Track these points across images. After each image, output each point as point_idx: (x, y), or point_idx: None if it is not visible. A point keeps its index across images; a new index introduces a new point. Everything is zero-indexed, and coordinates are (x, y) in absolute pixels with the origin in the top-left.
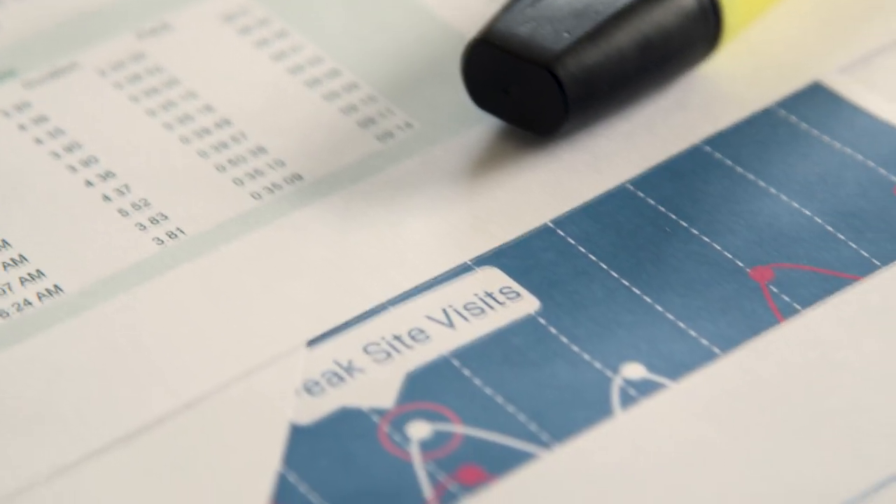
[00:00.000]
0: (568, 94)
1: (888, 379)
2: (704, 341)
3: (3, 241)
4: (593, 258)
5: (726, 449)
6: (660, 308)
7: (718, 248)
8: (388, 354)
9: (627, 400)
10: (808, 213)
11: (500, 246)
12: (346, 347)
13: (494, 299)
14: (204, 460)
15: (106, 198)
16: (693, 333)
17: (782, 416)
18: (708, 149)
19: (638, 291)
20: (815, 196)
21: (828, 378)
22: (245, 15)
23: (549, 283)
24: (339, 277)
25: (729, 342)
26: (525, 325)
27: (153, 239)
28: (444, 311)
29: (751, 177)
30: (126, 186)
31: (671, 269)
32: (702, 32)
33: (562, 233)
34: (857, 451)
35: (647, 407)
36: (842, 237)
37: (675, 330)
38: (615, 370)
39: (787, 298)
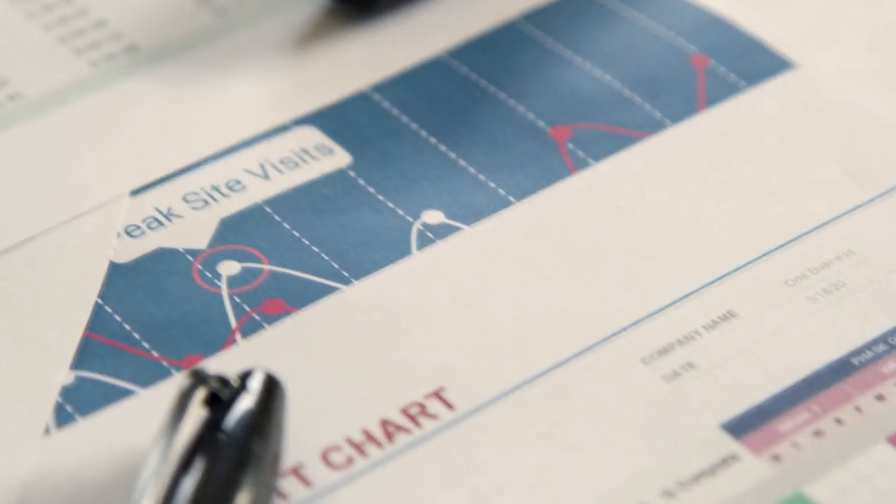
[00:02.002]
0: None
1: (665, 223)
2: (502, 191)
3: None
4: (405, 120)
5: (513, 284)
6: (464, 163)
7: (523, 110)
8: (206, 202)
9: (425, 242)
10: (609, 79)
11: (319, 109)
12: (166, 196)
13: (309, 154)
14: (27, 293)
15: None
16: (492, 185)
17: (567, 255)
18: (522, 23)
19: (445, 149)
20: (617, 65)
21: (611, 222)
22: None
23: (362, 141)
24: (166, 136)
25: (524, 192)
26: (336, 178)
27: None
28: (261, 164)
29: (560, 48)
30: None
31: (477, 130)
32: None
33: (378, 97)
34: (633, 286)
35: (443, 248)
36: (638, 100)
37: (476, 182)
38: (416, 216)
39: (581, 154)
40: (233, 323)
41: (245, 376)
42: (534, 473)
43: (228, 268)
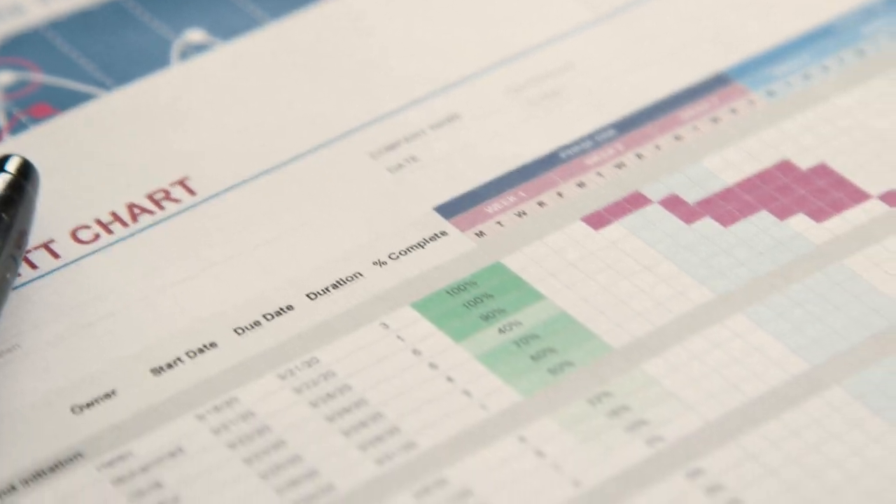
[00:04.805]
0: None
1: (405, 43)
2: (260, 13)
3: None
4: None
5: (261, 92)
6: None
7: None
8: None
9: (185, 56)
10: None
11: None
12: None
13: None
14: None
15: None
16: (251, 7)
17: (311, 69)
18: None
19: None
20: None
21: (356, 41)
22: None
23: None
24: None
25: (281, 14)
26: (111, 4)
27: None
28: None
29: None
30: None
31: None
32: None
33: None
34: (368, 94)
35: (200, 62)
36: None
37: (237, 6)
38: (179, 34)
39: None
40: (2, 123)
41: (2, 161)
42: (261, 246)
43: (4, 78)
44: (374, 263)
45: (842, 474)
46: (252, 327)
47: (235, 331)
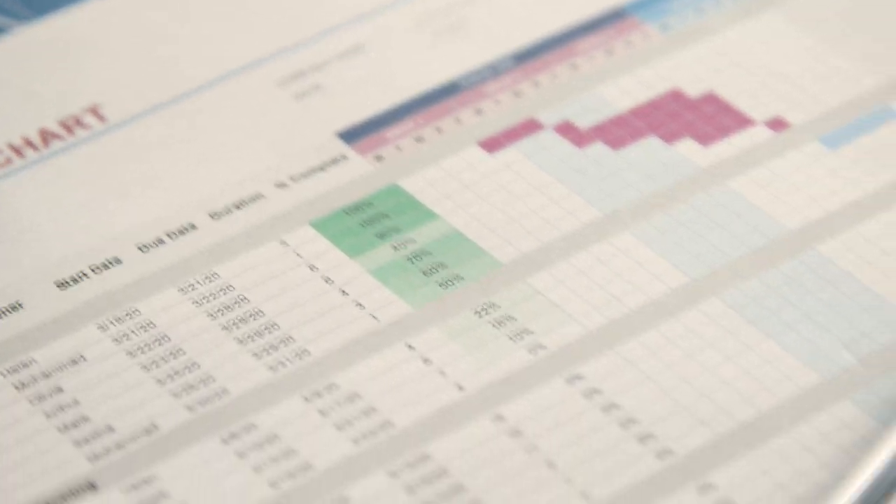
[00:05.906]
0: None
1: None
2: None
3: None
4: None
5: (171, 21)
6: None
7: None
8: None
9: None
10: None
11: None
12: None
13: None
14: None
15: None
16: None
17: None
18: None
19: None
20: None
21: None
22: None
23: None
24: None
25: None
26: None
27: None
28: None
29: None
30: None
31: None
32: None
33: None
34: (276, 24)
35: None
36: None
37: None
38: None
39: None
40: None
41: None
42: (167, 170)
43: None
44: (276, 185)
45: (716, 379)
46: (155, 245)
47: (139, 248)
